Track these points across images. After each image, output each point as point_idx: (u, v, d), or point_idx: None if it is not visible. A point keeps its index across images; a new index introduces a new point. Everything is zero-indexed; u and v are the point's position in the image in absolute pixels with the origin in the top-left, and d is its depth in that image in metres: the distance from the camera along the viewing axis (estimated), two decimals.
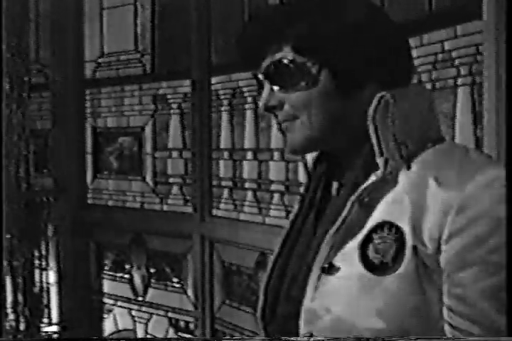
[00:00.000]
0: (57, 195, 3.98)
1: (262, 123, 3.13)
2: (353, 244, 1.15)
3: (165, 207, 3.70)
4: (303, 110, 1.19)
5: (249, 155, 3.20)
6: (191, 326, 3.56)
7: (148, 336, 3.80)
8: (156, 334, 3.75)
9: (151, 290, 3.79)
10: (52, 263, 4.01)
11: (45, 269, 3.99)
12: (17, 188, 3.73)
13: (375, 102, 1.16)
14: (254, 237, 3.12)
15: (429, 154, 1.17)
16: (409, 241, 1.10)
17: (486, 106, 2.03)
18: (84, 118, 4.06)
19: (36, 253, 3.93)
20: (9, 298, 3.73)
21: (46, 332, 3.95)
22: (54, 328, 4.01)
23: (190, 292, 3.55)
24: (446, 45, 2.25)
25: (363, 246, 1.14)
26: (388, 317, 1.10)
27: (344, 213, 1.16)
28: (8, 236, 3.67)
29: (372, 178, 1.16)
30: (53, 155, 4.06)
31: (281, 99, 1.20)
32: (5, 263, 3.67)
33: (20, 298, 3.75)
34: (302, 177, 2.92)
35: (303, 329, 1.17)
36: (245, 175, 3.23)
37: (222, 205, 3.36)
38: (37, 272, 3.94)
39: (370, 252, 1.13)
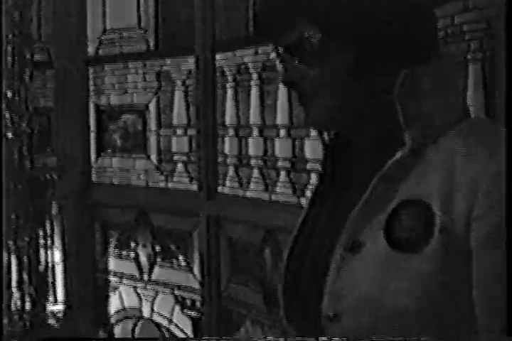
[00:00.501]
0: (61, 174, 3.96)
1: (268, 100, 3.11)
2: (378, 222, 1.12)
3: (170, 185, 3.67)
4: (323, 86, 1.16)
5: (255, 131, 3.17)
6: (198, 304, 3.56)
7: (155, 314, 3.80)
8: (162, 311, 3.75)
9: (156, 268, 3.78)
10: (57, 242, 4.00)
11: (50, 248, 3.99)
12: (20, 167, 3.71)
13: (400, 78, 1.14)
14: (260, 214, 3.10)
15: (456, 130, 1.15)
16: (437, 218, 1.08)
17: (498, 81, 2.01)
18: (87, 96, 4.03)
19: (41, 232, 3.92)
20: (14, 277, 3.72)
21: (52, 311, 3.95)
22: (60, 307, 4.01)
23: (196, 270, 3.54)
24: (457, 19, 2.21)
25: (389, 224, 1.12)
26: (415, 297, 1.08)
27: (369, 190, 1.14)
28: (13, 215, 3.66)
29: (399, 154, 1.13)
30: (57, 133, 4.04)
31: (302, 74, 1.18)
32: (10, 242, 3.66)
33: (25, 277, 3.75)
34: (309, 153, 2.90)
35: (326, 309, 1.15)
36: (251, 152, 3.21)
37: (227, 182, 3.35)
38: (42, 251, 3.93)
39: (396, 230, 1.11)
